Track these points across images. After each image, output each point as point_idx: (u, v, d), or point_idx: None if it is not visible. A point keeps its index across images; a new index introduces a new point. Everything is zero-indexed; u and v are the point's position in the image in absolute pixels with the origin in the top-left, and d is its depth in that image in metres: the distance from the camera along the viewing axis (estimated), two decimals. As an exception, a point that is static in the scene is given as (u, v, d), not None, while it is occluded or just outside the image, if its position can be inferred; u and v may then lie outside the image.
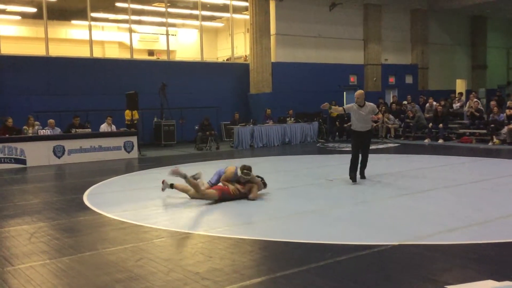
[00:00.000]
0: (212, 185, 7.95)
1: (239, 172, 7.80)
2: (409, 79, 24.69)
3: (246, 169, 7.79)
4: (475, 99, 17.99)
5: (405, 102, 19.99)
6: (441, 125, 17.21)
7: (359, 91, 9.43)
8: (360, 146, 9.17)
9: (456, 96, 20.39)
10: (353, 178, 9.03)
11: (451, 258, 4.75)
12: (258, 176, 8.18)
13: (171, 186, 7.84)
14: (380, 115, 9.45)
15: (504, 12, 25.16)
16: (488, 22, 27.65)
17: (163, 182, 7.96)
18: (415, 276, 4.27)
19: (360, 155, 9.17)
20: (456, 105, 19.24)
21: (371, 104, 9.26)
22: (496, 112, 16.33)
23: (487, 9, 25.30)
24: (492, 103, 17.12)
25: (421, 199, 7.57)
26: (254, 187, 7.86)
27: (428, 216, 6.45)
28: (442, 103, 18.74)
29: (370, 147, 9.60)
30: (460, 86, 27.12)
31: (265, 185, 8.20)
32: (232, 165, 8.09)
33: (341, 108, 9.67)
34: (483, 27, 27.64)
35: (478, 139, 16.47)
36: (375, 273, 4.38)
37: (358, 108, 9.03)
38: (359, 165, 9.18)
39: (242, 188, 7.73)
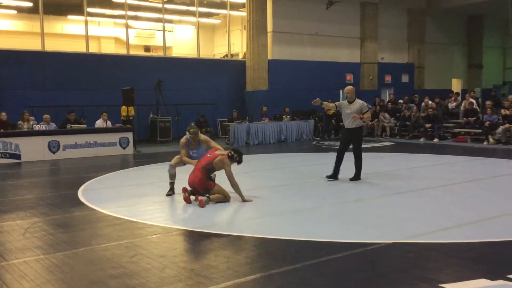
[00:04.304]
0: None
1: (187, 134, 7.69)
2: (405, 78, 24.73)
3: (192, 127, 7.72)
4: (471, 99, 18.03)
5: (401, 101, 20.05)
6: (429, 125, 17.23)
7: (349, 87, 9.21)
8: (346, 143, 9.08)
9: (453, 96, 20.43)
10: (331, 175, 9.03)
11: (446, 257, 4.76)
12: (234, 151, 7.55)
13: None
14: (367, 115, 8.96)
15: (500, 12, 25.15)
16: (485, 22, 27.71)
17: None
18: (409, 274, 4.27)
19: (353, 155, 9.06)
20: (452, 105, 19.29)
21: (361, 101, 9.03)
22: (489, 114, 16.36)
23: (484, 9, 25.36)
24: (487, 103, 17.15)
25: (416, 198, 7.59)
26: (225, 161, 7.25)
27: (422, 214, 6.47)
28: (437, 100, 18.78)
29: (363, 146, 9.41)
30: (456, 85, 27.18)
31: (239, 162, 7.53)
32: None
33: (333, 104, 9.43)
34: (479, 27, 27.69)
35: (473, 139, 16.53)
36: (369, 271, 4.39)
37: (347, 104, 8.98)
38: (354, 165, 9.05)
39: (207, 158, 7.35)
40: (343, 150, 9.09)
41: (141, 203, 7.41)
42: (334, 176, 9.09)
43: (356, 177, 8.98)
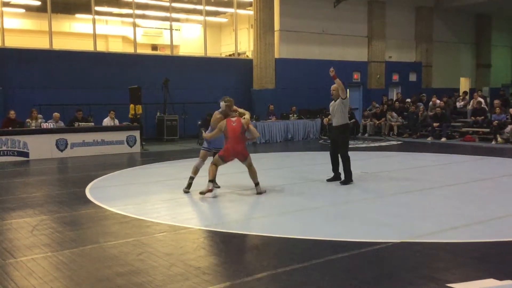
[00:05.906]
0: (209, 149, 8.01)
1: (223, 104, 7.76)
2: (412, 77, 24.64)
3: (227, 96, 7.94)
4: (479, 98, 17.93)
5: (408, 100, 19.98)
6: (437, 124, 17.13)
7: (334, 85, 8.75)
8: (335, 142, 8.86)
9: (460, 95, 20.34)
10: (332, 178, 8.80)
11: (453, 257, 4.73)
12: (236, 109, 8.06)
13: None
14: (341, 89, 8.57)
15: (508, 11, 25.00)
16: (493, 20, 27.54)
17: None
18: (416, 274, 4.26)
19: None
20: (460, 104, 19.20)
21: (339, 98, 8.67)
22: (498, 113, 16.26)
23: (492, 7, 25.20)
24: (496, 102, 17.05)
25: (423, 197, 7.56)
26: (247, 121, 7.82)
27: (430, 214, 6.44)
28: (445, 99, 18.69)
29: (376, 145, 9.28)
30: (464, 84, 27.04)
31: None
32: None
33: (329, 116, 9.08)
34: (487, 26, 27.54)
35: (481, 138, 16.43)
36: (376, 271, 4.37)
37: (333, 103, 8.80)
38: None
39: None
40: (334, 151, 8.82)
41: (148, 201, 7.43)
42: (335, 179, 8.84)
43: (347, 180, 8.58)
